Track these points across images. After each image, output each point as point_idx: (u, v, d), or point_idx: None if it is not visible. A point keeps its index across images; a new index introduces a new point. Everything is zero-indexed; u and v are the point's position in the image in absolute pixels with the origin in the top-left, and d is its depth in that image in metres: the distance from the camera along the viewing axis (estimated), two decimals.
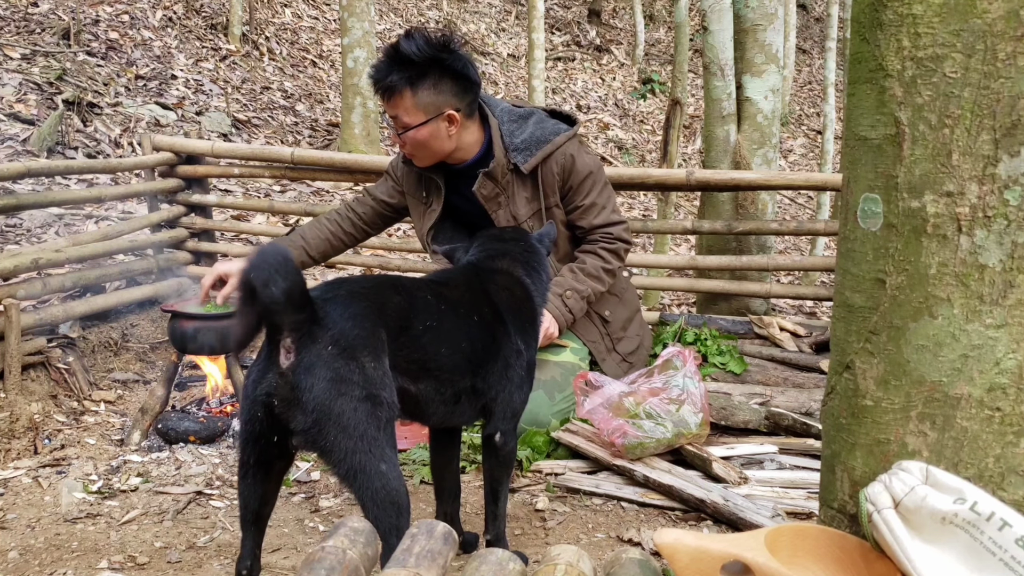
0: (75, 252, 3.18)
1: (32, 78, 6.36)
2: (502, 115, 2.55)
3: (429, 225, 2.65)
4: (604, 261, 2.61)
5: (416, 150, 2.44)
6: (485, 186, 2.52)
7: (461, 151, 2.49)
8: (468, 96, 2.41)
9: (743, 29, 3.84)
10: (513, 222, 2.55)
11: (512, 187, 2.54)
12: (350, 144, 7.24)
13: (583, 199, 2.59)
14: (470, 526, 2.09)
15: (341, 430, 1.46)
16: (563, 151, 2.54)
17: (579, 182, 2.57)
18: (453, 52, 2.32)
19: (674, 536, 1.09)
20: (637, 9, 13.35)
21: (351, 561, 1.00)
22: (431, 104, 2.35)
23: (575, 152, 2.56)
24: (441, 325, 1.70)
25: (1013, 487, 1.09)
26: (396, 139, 2.45)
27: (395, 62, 2.31)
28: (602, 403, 2.40)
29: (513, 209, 2.55)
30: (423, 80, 2.32)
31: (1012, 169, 1.03)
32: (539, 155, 2.50)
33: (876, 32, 1.10)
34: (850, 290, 1.17)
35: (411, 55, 2.28)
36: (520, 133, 2.53)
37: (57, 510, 2.23)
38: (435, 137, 2.40)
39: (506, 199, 2.55)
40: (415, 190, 2.68)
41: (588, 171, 2.57)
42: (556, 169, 2.54)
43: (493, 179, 2.52)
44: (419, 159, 2.50)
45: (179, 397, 2.98)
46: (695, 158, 10.86)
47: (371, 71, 2.35)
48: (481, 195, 2.53)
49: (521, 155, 2.50)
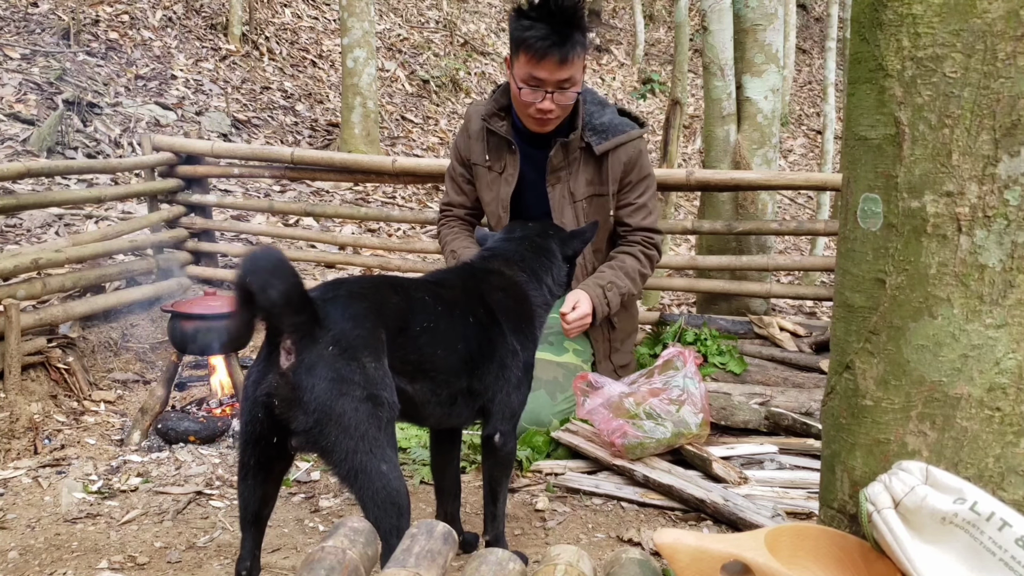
0: (75, 252, 3.18)
1: (32, 78, 6.36)
2: (586, 94, 2.62)
3: (508, 192, 2.66)
4: (641, 265, 2.65)
5: (564, 111, 2.50)
6: (558, 155, 2.58)
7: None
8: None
9: (743, 29, 3.84)
10: (569, 200, 2.60)
11: (577, 165, 2.60)
12: (350, 144, 7.24)
13: (638, 197, 2.66)
14: (470, 526, 2.09)
15: (342, 430, 1.46)
16: (635, 145, 2.62)
17: (639, 179, 2.65)
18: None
19: (674, 536, 1.09)
20: (637, 9, 13.35)
21: (351, 561, 1.00)
22: (582, 60, 2.43)
23: (643, 150, 2.65)
24: (437, 326, 1.70)
25: (1013, 487, 1.09)
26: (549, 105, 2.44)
27: (568, 21, 2.33)
28: (602, 403, 2.40)
29: (572, 186, 2.61)
30: (585, 36, 2.40)
31: (1012, 169, 1.03)
32: (614, 141, 2.57)
33: (876, 32, 1.10)
34: (850, 290, 1.17)
35: (576, 11, 2.33)
36: (600, 116, 2.60)
37: (57, 510, 2.23)
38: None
39: (567, 174, 2.61)
40: (482, 158, 2.69)
41: (648, 172, 2.67)
42: (624, 159, 2.60)
43: (566, 151, 2.58)
44: (551, 122, 2.53)
45: (179, 397, 2.98)
46: (695, 158, 10.86)
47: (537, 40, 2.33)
48: (551, 163, 2.58)
49: (596, 136, 2.57)
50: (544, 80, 2.39)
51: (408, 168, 3.63)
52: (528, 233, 2.08)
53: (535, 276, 2.00)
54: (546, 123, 2.52)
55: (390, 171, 3.66)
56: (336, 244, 4.35)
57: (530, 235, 2.08)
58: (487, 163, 2.68)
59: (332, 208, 5.04)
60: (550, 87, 2.41)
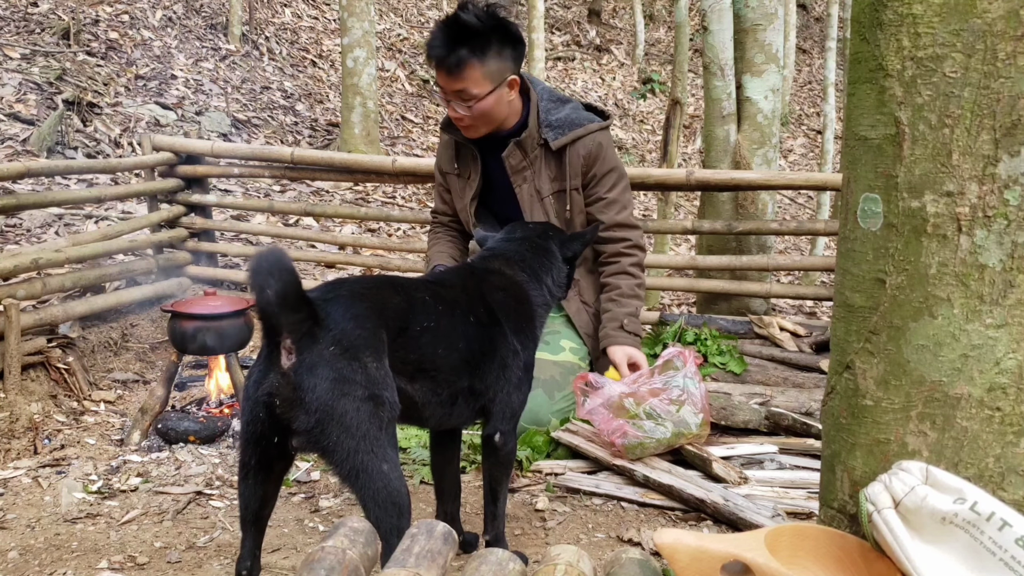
0: (75, 252, 3.18)
1: (32, 78, 6.36)
2: (542, 93, 2.62)
3: (470, 197, 2.69)
4: (635, 278, 2.65)
5: (479, 120, 2.48)
6: (514, 155, 2.58)
7: (507, 119, 2.55)
8: (521, 61, 2.49)
9: (743, 29, 3.84)
10: (536, 197, 2.61)
11: (539, 163, 2.60)
12: (350, 144, 7.24)
13: (607, 191, 2.63)
14: (470, 526, 2.09)
15: (343, 430, 1.46)
16: (593, 138, 2.59)
17: (604, 173, 2.61)
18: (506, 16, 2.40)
19: (674, 536, 1.09)
20: (637, 9, 13.35)
21: (351, 561, 1.00)
22: (497, 72, 2.41)
23: (604, 142, 2.61)
24: (438, 326, 1.70)
25: (1013, 487, 1.09)
26: (456, 113, 2.47)
27: (458, 35, 2.34)
28: (602, 403, 2.40)
29: (537, 184, 2.61)
30: (489, 48, 2.37)
31: (1012, 169, 1.03)
32: (571, 135, 2.56)
33: (876, 32, 1.10)
34: (850, 290, 1.17)
35: (474, 25, 2.33)
36: (556, 112, 2.59)
37: (57, 510, 2.23)
38: (499, 104, 2.46)
39: (532, 174, 2.60)
40: (451, 166, 2.72)
41: (613, 165, 2.63)
42: (583, 152, 2.58)
43: (523, 150, 2.58)
44: (475, 130, 2.53)
45: (179, 397, 2.98)
46: (695, 158, 10.86)
47: (431, 49, 2.37)
48: (509, 164, 2.59)
49: (553, 132, 2.56)
50: (444, 88, 2.44)
51: (408, 168, 3.63)
52: (528, 234, 2.09)
53: (536, 276, 2.00)
54: (466, 129, 2.54)
55: (390, 171, 3.66)
56: (336, 244, 4.35)
57: (530, 236, 2.08)
58: (455, 171, 2.72)
59: (332, 208, 5.05)
60: (449, 96, 2.44)
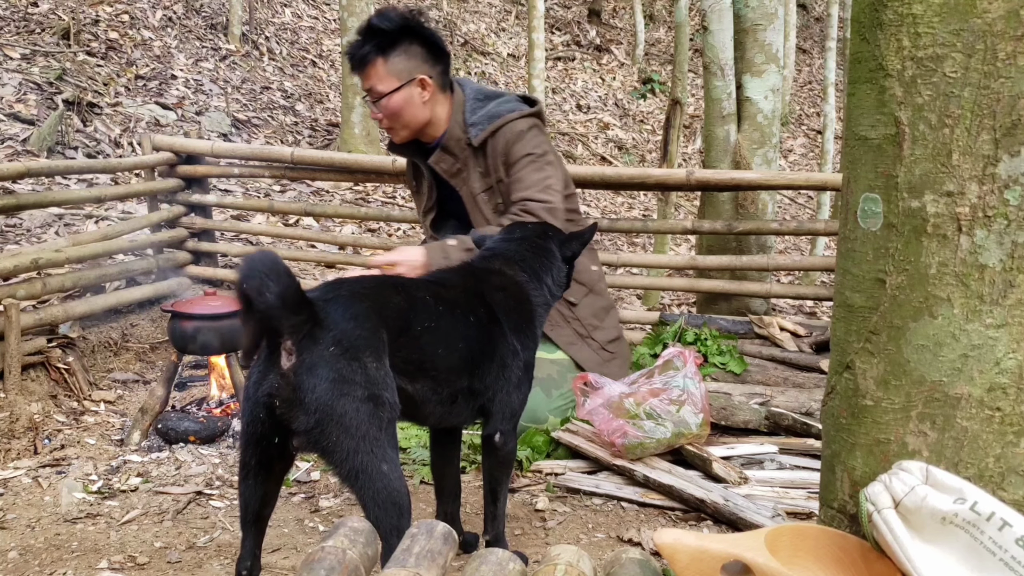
0: (75, 252, 3.18)
1: (32, 78, 6.36)
2: (470, 93, 2.61)
3: (425, 208, 2.72)
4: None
5: (392, 120, 2.50)
6: (444, 160, 2.58)
7: (433, 125, 2.55)
8: (439, 65, 2.49)
9: (743, 29, 3.84)
10: (471, 198, 2.60)
11: (470, 163, 2.59)
12: (350, 144, 7.24)
13: (519, 172, 2.49)
14: (470, 526, 2.09)
15: (343, 430, 1.46)
16: (511, 127, 2.52)
17: (518, 157, 2.49)
18: (422, 20, 2.43)
19: (674, 536, 1.09)
20: (637, 9, 13.35)
21: (351, 561, 1.00)
22: (403, 70, 2.43)
23: (524, 130, 2.52)
24: (439, 326, 1.70)
25: (1013, 487, 1.09)
26: (374, 114, 2.51)
27: (368, 35, 2.41)
28: (602, 403, 2.40)
29: (472, 185, 2.60)
30: (394, 47, 2.41)
31: (1012, 169, 1.03)
32: (489, 128, 2.53)
33: (876, 32, 1.10)
34: (850, 290, 1.17)
35: (382, 25, 2.39)
36: (480, 109, 2.57)
37: (57, 510, 2.23)
38: (409, 104, 2.47)
39: (466, 175, 2.59)
40: (411, 183, 2.76)
41: (530, 150, 2.49)
42: (501, 143, 2.53)
43: (452, 154, 2.57)
44: (396, 132, 2.55)
45: (179, 397, 2.98)
46: (695, 158, 10.86)
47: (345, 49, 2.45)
48: (441, 169, 2.59)
49: (475, 129, 2.55)
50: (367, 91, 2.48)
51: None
52: (528, 234, 2.08)
53: (535, 276, 2.00)
54: (389, 132, 2.57)
55: (390, 171, 3.66)
56: (336, 244, 4.35)
57: (530, 236, 2.07)
58: (414, 185, 2.76)
59: (332, 208, 5.05)
60: (367, 96, 2.49)
